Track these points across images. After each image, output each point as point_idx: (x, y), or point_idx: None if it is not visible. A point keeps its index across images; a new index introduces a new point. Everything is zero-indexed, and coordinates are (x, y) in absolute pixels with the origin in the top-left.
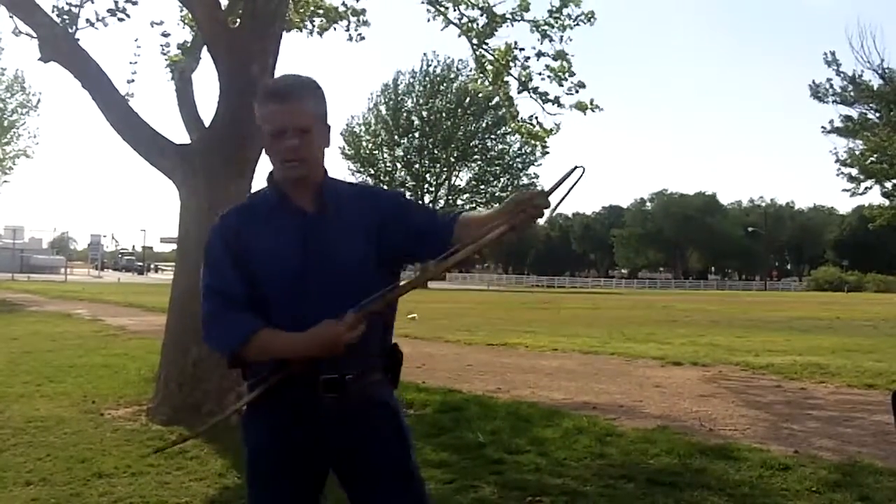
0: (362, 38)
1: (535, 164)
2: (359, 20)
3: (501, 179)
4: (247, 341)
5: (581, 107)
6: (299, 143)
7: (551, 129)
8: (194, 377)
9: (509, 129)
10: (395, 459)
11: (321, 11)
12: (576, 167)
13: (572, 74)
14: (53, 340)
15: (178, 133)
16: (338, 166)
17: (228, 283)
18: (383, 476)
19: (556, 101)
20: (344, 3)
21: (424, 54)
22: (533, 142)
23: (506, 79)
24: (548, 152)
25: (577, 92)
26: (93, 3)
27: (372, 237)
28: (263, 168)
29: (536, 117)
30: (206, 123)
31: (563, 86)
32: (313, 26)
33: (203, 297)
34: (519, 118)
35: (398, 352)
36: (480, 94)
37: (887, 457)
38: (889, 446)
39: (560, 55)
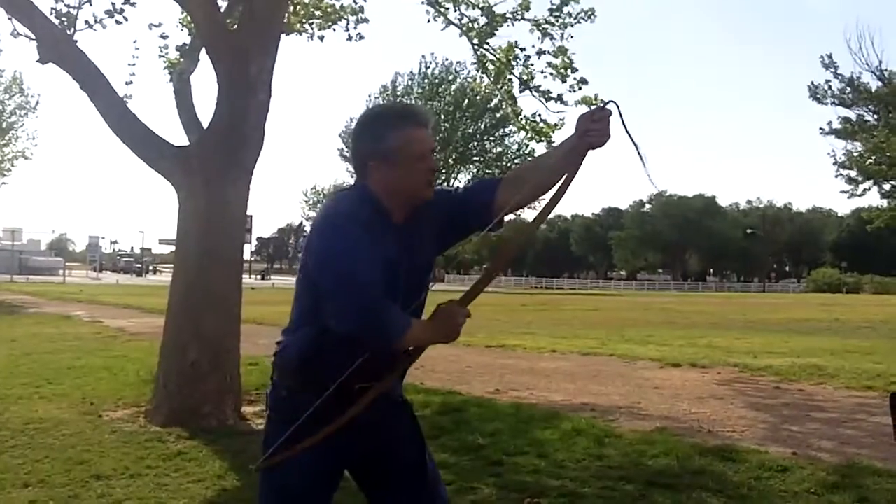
0: (361, 38)
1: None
2: (357, 18)
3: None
4: (408, 330)
5: (586, 101)
6: (436, 164)
7: (556, 125)
8: (193, 379)
9: (508, 131)
10: (420, 454)
11: (318, 13)
12: (607, 102)
13: (574, 71)
14: (52, 342)
15: (176, 135)
16: (337, 167)
17: (373, 271)
18: (413, 472)
19: (559, 98)
20: (342, 4)
21: (423, 56)
22: (539, 138)
23: (508, 77)
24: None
25: (579, 89)
26: (91, 4)
27: (437, 241)
28: (264, 168)
29: (539, 115)
30: (205, 125)
31: (565, 82)
32: (313, 29)
33: (359, 287)
34: (522, 116)
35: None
36: (479, 96)
37: (886, 458)
38: (888, 448)
39: (561, 51)
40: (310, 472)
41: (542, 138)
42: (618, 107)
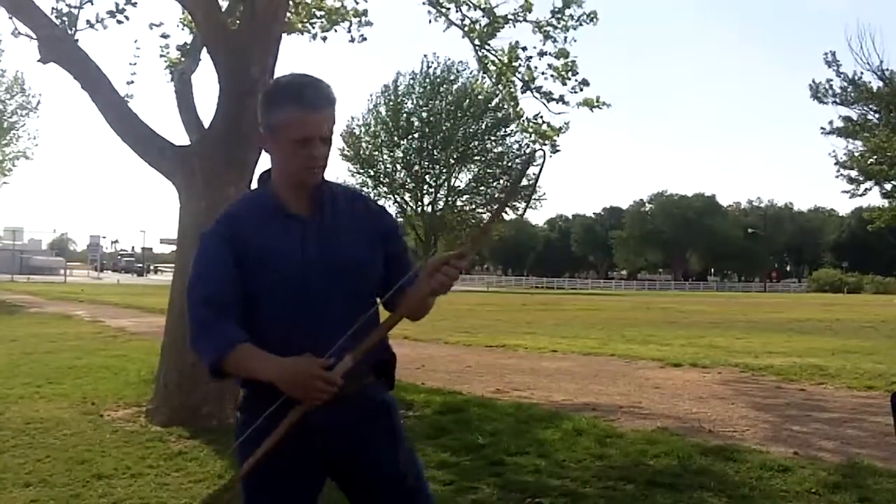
0: (364, 39)
1: (535, 164)
2: (360, 21)
3: (501, 181)
4: (227, 355)
5: (588, 103)
6: (323, 153)
7: (560, 128)
8: (193, 378)
9: (509, 131)
10: (394, 464)
11: (321, 13)
12: (536, 151)
13: (576, 73)
14: (53, 342)
15: (177, 134)
16: (337, 167)
17: (219, 290)
18: (384, 482)
19: (561, 99)
20: (344, 6)
21: (425, 56)
22: (542, 141)
23: (510, 79)
24: (558, 150)
25: (581, 90)
26: (92, 4)
27: (376, 245)
28: (263, 168)
29: (541, 116)
30: (206, 125)
31: (566, 84)
32: (314, 29)
33: (191, 303)
34: (524, 118)
35: (389, 353)
36: (480, 96)
37: (887, 458)
38: (889, 447)
39: (562, 53)
40: (287, 485)
41: (546, 141)
42: (543, 157)
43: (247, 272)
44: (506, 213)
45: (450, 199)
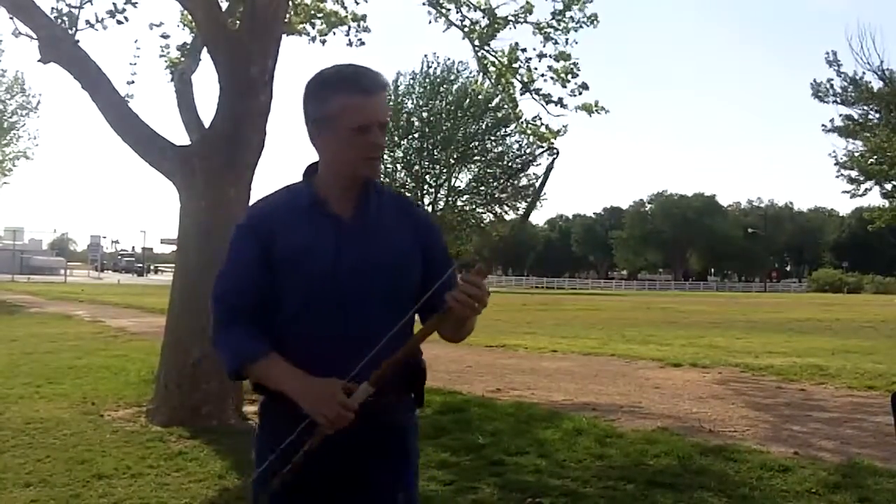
0: (362, 44)
1: (535, 164)
2: (359, 26)
3: (501, 181)
4: (248, 365)
5: (586, 108)
6: (382, 141)
7: (559, 131)
8: (194, 379)
9: (509, 131)
10: (390, 489)
11: (321, 16)
12: (550, 150)
13: (575, 76)
14: (53, 342)
15: (177, 134)
16: None
17: (244, 290)
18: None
19: (560, 102)
20: (344, 7)
21: (425, 56)
22: (540, 143)
23: (510, 80)
24: (556, 153)
25: (580, 94)
26: (92, 4)
27: (416, 254)
28: (265, 168)
29: (540, 118)
30: (206, 125)
31: (566, 87)
32: (314, 32)
33: (214, 297)
34: (523, 119)
35: (421, 368)
36: (481, 96)
37: (888, 458)
38: (889, 447)
39: (562, 56)
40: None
41: (544, 143)
42: (556, 157)
43: (275, 271)
44: (506, 212)
45: (450, 199)
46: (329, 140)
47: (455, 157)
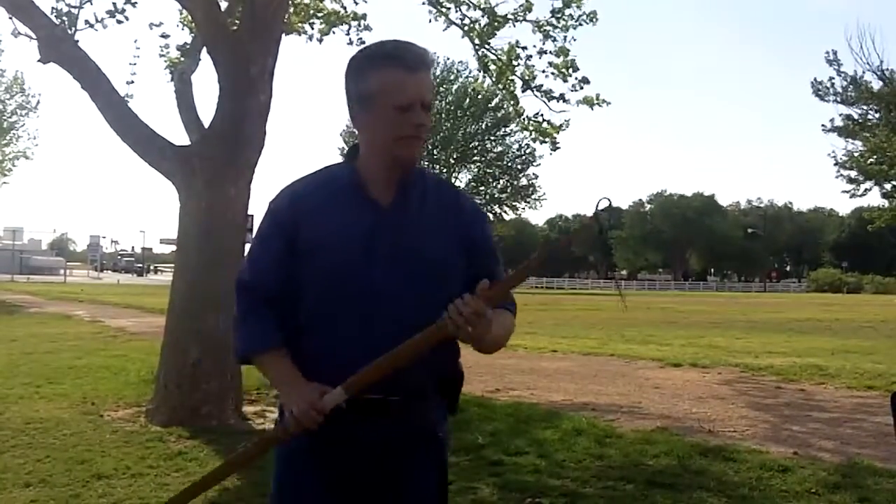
0: (362, 43)
1: (535, 164)
2: (359, 24)
3: (501, 180)
4: (255, 356)
5: (588, 101)
6: (426, 121)
7: (561, 125)
8: (193, 379)
9: (509, 131)
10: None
11: (321, 15)
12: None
13: (576, 70)
14: (53, 342)
15: (177, 134)
16: None
17: (264, 278)
18: None
19: (561, 97)
20: (344, 7)
21: None
22: (543, 138)
23: (510, 77)
24: (558, 148)
25: (581, 88)
26: (92, 4)
27: (459, 250)
28: (264, 168)
29: (542, 114)
30: (206, 125)
31: (566, 82)
32: (313, 31)
33: (237, 283)
34: (524, 116)
35: (459, 372)
36: (480, 96)
37: (887, 458)
38: (889, 447)
39: (562, 51)
40: (304, 492)
41: (546, 139)
42: (607, 208)
43: (302, 258)
44: (505, 212)
45: None
46: (369, 119)
47: (455, 157)
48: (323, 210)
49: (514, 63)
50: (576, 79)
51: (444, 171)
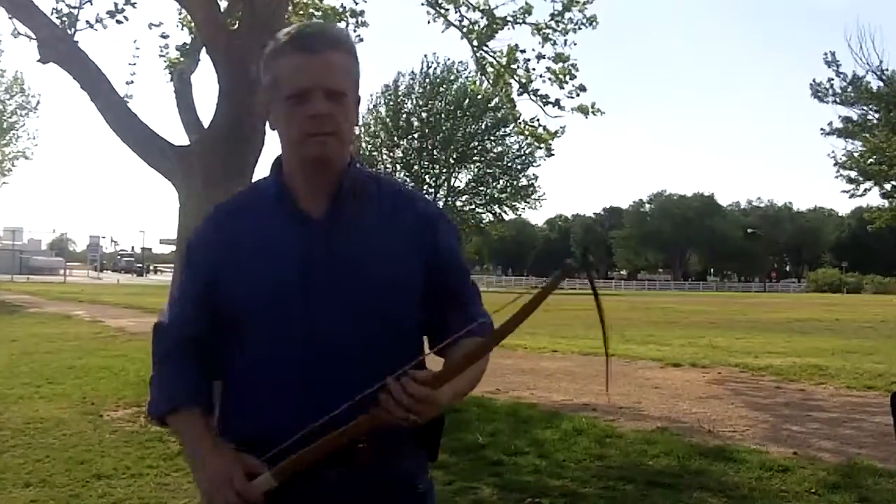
0: (360, 40)
1: (535, 165)
2: (357, 21)
3: (500, 181)
4: (167, 416)
5: (583, 110)
6: (330, 110)
7: (556, 132)
8: None
9: (509, 131)
10: None
11: (319, 13)
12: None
13: (573, 77)
14: (52, 342)
15: (177, 134)
16: None
17: (183, 321)
18: None
19: (557, 103)
20: (342, 5)
21: (425, 56)
22: (538, 144)
23: (508, 80)
24: (553, 154)
25: (577, 95)
26: (92, 4)
27: (416, 265)
28: (265, 168)
29: (538, 119)
30: (206, 125)
31: (563, 88)
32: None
33: (154, 330)
34: (521, 120)
35: (439, 418)
36: (480, 96)
37: (887, 458)
38: (889, 448)
39: (560, 58)
40: None
41: (541, 144)
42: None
43: (231, 287)
44: (505, 213)
45: (449, 199)
46: (273, 119)
47: (454, 157)
48: (252, 229)
49: (513, 66)
50: (573, 86)
51: (444, 171)
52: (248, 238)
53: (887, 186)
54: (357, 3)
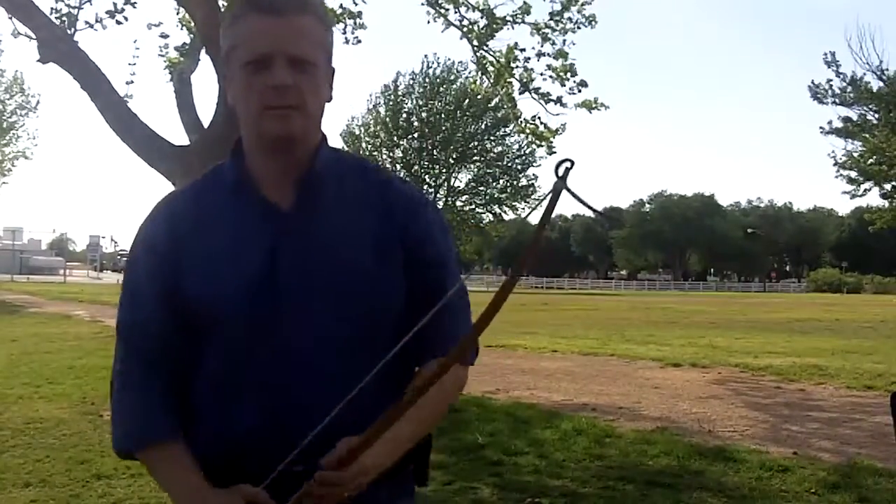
0: (358, 41)
1: (535, 164)
2: (355, 23)
3: (500, 181)
4: (136, 451)
5: (586, 105)
6: (294, 80)
7: (557, 130)
8: None
9: (509, 131)
10: None
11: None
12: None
13: (574, 74)
14: (53, 342)
15: (176, 134)
16: None
17: (145, 321)
18: None
19: (559, 100)
20: (341, 6)
21: (425, 56)
22: (539, 142)
23: (508, 79)
24: (554, 152)
25: (579, 91)
26: (91, 4)
27: (393, 256)
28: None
29: (539, 117)
30: (206, 125)
31: (564, 86)
32: None
33: (117, 334)
34: (522, 119)
35: (426, 441)
36: (480, 96)
37: (886, 458)
38: (888, 448)
39: (561, 54)
40: None
41: (542, 142)
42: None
43: (187, 291)
44: (505, 213)
45: (449, 199)
46: (230, 89)
47: (454, 157)
48: (209, 222)
49: (513, 65)
50: (574, 82)
51: (444, 171)
52: (208, 232)
53: (887, 187)
54: (356, 4)
